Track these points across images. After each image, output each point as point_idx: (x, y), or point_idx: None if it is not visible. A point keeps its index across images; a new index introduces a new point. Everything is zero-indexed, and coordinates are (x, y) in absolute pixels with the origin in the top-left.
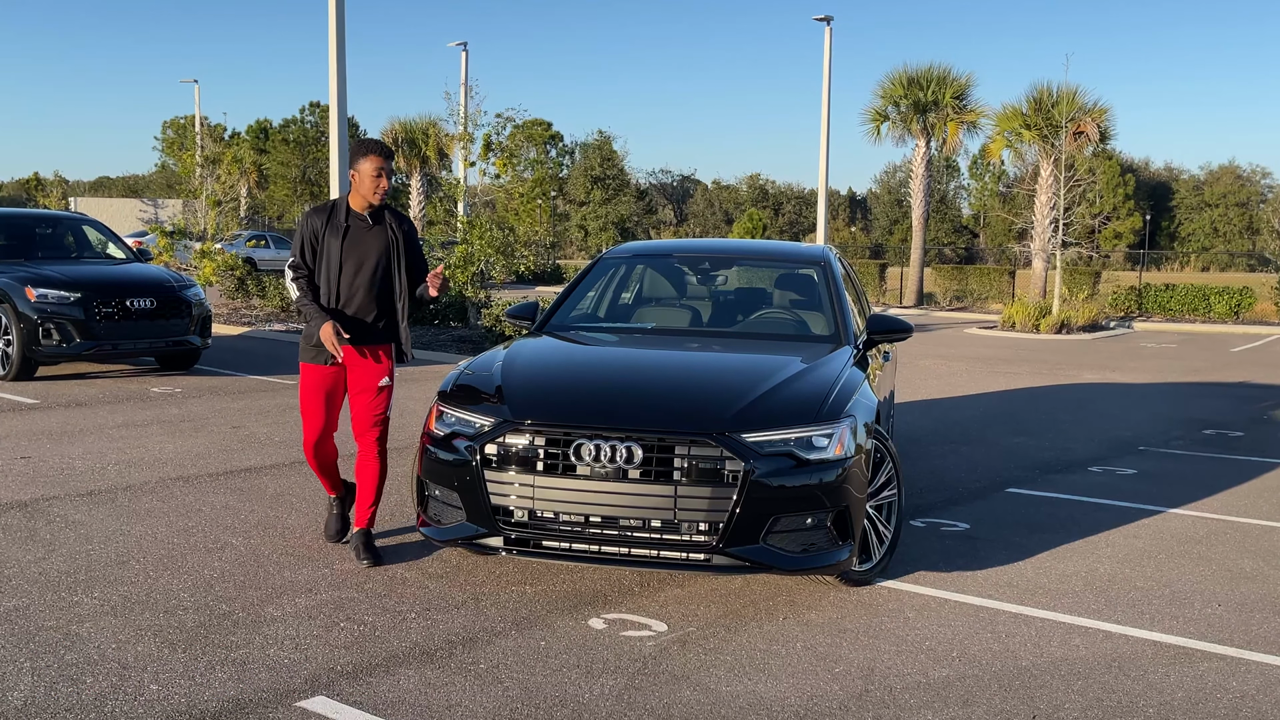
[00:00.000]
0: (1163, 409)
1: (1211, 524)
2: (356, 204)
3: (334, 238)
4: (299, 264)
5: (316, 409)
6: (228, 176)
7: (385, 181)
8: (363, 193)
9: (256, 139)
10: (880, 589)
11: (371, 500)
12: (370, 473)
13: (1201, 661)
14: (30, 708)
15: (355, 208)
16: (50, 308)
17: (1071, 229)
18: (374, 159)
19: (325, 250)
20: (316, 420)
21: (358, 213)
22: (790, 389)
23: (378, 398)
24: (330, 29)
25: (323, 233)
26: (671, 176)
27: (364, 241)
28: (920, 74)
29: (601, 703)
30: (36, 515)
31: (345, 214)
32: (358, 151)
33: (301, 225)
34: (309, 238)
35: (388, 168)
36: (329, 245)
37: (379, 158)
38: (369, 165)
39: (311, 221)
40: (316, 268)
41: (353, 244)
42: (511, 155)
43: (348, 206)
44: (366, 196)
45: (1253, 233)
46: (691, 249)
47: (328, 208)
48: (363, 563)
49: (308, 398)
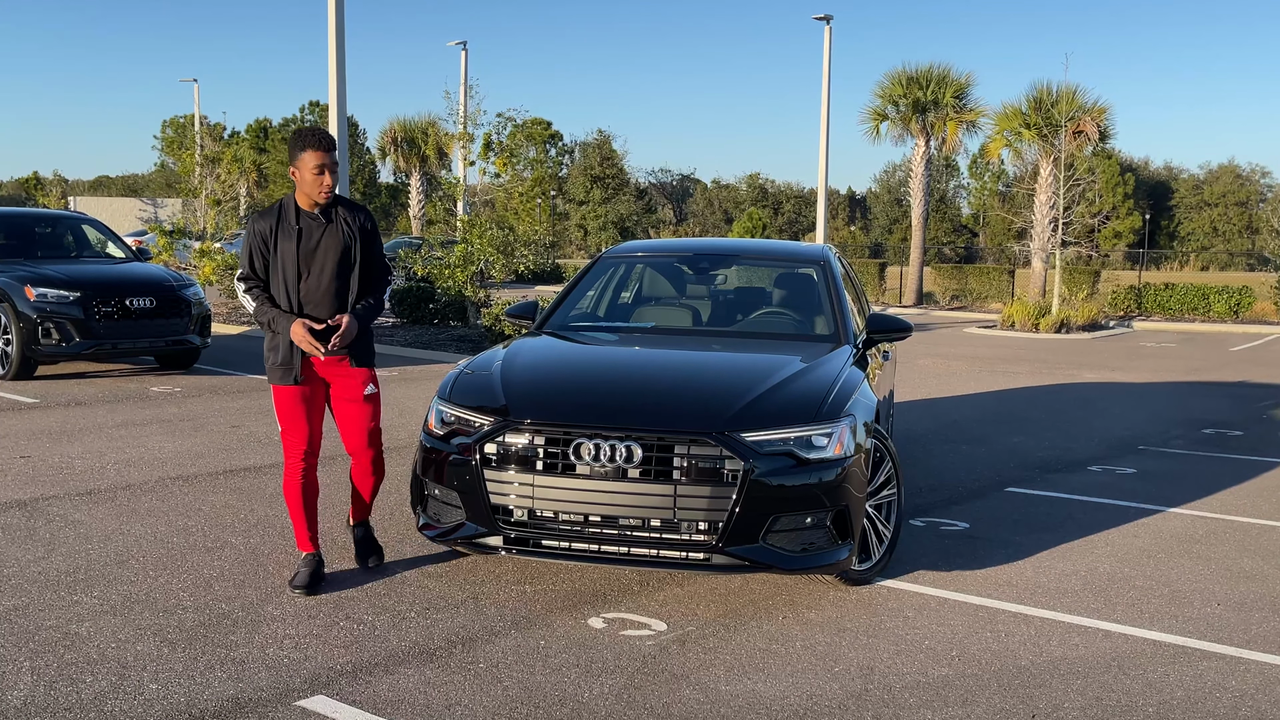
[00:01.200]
0: (1162, 408)
1: (1211, 523)
2: (304, 202)
3: (286, 241)
4: (249, 274)
5: (299, 425)
6: (227, 176)
7: (329, 178)
8: (306, 191)
9: (256, 138)
10: (880, 588)
11: (369, 500)
12: (369, 481)
13: (1201, 661)
14: (30, 707)
15: (304, 206)
16: (50, 307)
17: (1071, 228)
18: (314, 154)
19: (278, 256)
20: (301, 436)
21: (308, 211)
22: (790, 388)
23: (365, 407)
24: (330, 28)
25: (273, 238)
26: (671, 176)
27: (319, 242)
28: (920, 73)
29: (601, 702)
30: (36, 514)
31: (295, 214)
32: (295, 145)
33: (248, 233)
34: (257, 245)
35: (330, 161)
36: (282, 250)
37: (320, 152)
38: (310, 160)
39: (258, 227)
40: (271, 276)
41: (307, 246)
42: (511, 154)
43: (296, 205)
44: (311, 195)
45: (1252, 232)
46: (691, 248)
47: (275, 210)
48: (370, 563)
49: (287, 420)
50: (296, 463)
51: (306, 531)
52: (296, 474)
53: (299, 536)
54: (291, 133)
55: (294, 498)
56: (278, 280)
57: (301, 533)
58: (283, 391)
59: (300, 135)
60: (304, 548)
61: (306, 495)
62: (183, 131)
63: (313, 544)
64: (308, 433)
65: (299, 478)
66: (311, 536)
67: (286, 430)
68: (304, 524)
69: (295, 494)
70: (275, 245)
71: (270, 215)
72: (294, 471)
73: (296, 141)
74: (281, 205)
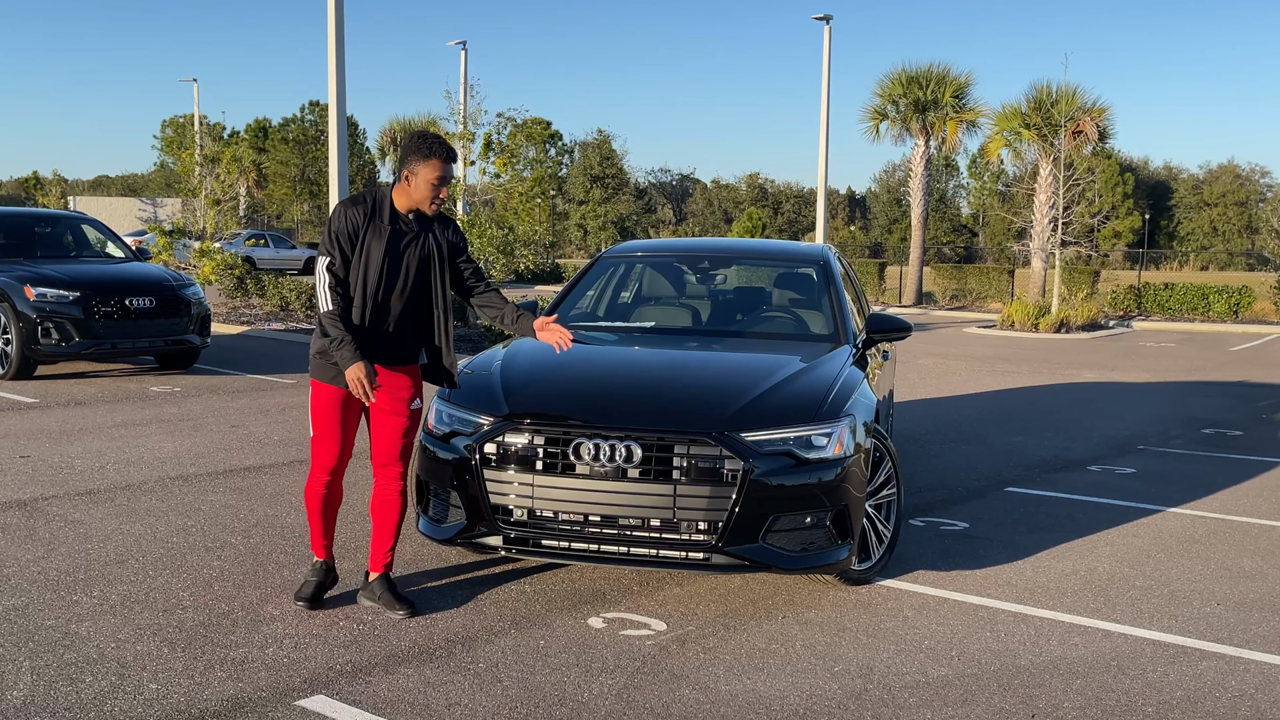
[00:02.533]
0: (1162, 408)
1: (1210, 523)
2: (403, 205)
3: (376, 240)
4: (338, 266)
5: (333, 434)
6: (227, 175)
7: (446, 192)
8: (416, 200)
9: (256, 138)
10: (879, 588)
11: (391, 543)
12: (391, 510)
13: (1200, 660)
14: (29, 706)
15: (400, 209)
16: (49, 307)
17: (1070, 228)
18: (436, 164)
19: (364, 253)
20: (334, 447)
21: (403, 214)
22: (789, 388)
23: (408, 420)
24: (330, 28)
25: (363, 232)
26: (671, 175)
27: (409, 249)
28: (919, 73)
29: (601, 701)
30: (35, 514)
31: (390, 213)
32: (416, 151)
33: (337, 219)
34: (346, 234)
35: (449, 174)
36: (370, 248)
37: (442, 163)
38: (429, 173)
39: (350, 216)
40: (351, 272)
41: (396, 251)
42: (511, 154)
43: (392, 205)
44: (420, 206)
45: (1252, 232)
46: (691, 248)
47: (369, 202)
48: (399, 613)
49: (323, 422)
50: (324, 471)
51: (322, 539)
52: (321, 483)
53: (314, 541)
54: (413, 134)
55: (315, 504)
56: (355, 278)
57: (317, 538)
58: (324, 391)
59: (426, 142)
60: (318, 553)
61: (328, 504)
62: (182, 131)
63: (326, 551)
64: (341, 440)
65: (323, 487)
66: (326, 545)
67: (320, 434)
68: (320, 531)
69: (317, 501)
70: (363, 240)
71: (362, 204)
72: (319, 479)
73: (420, 148)
74: (377, 199)
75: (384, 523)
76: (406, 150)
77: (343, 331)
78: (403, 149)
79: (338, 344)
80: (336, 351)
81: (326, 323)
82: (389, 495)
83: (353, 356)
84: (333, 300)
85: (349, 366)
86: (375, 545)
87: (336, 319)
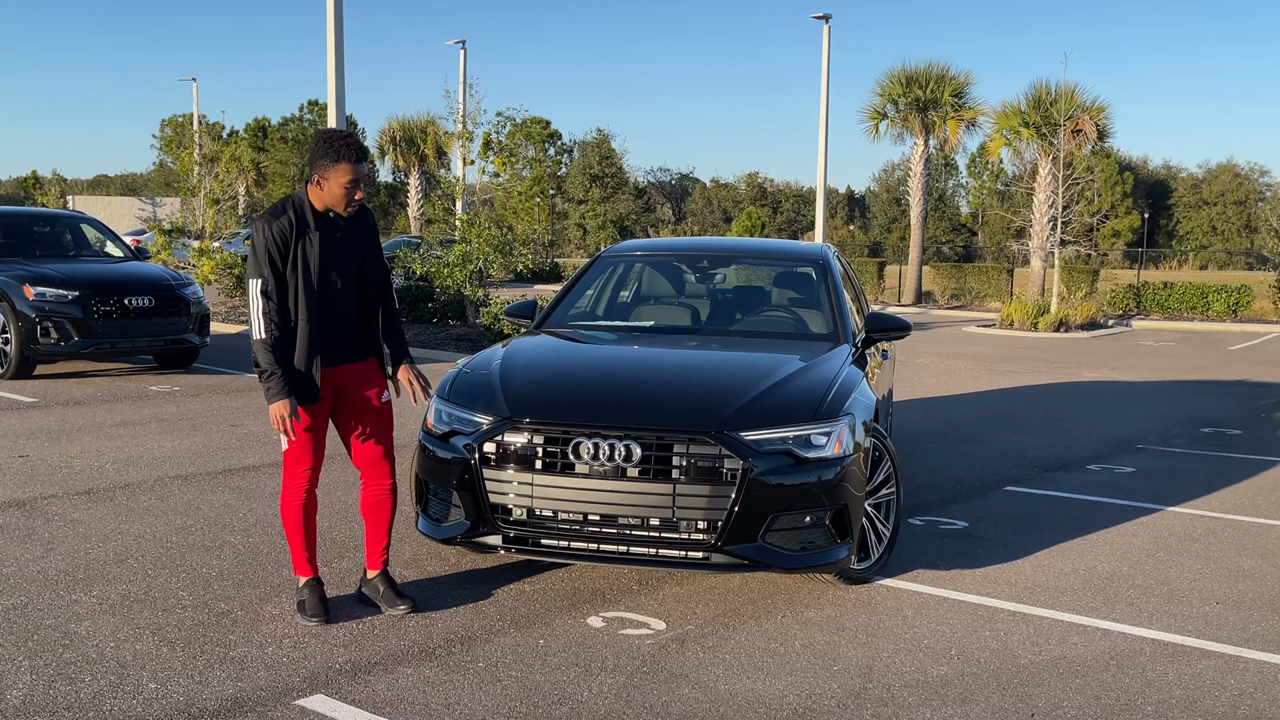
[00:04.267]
0: (1161, 407)
1: (1210, 522)
2: (320, 205)
3: (310, 246)
4: (271, 287)
5: (304, 448)
6: (226, 175)
7: (360, 194)
8: (330, 203)
9: (255, 137)
10: (879, 587)
11: (386, 540)
12: (384, 508)
13: (1200, 659)
14: (29, 706)
15: (319, 208)
16: (48, 306)
17: (1070, 227)
18: (347, 168)
19: (300, 264)
20: (305, 460)
21: (322, 214)
22: (788, 387)
23: (383, 414)
24: (329, 27)
25: (293, 243)
26: (670, 175)
27: (339, 246)
28: (919, 72)
29: (600, 701)
30: (35, 514)
31: (313, 217)
32: (325, 155)
33: (263, 236)
34: (278, 250)
35: (361, 174)
36: (306, 255)
37: (352, 165)
38: (340, 176)
39: (277, 229)
40: (289, 286)
41: (329, 251)
42: (510, 153)
43: (312, 207)
44: (335, 208)
45: (1251, 231)
46: (690, 247)
47: (289, 211)
48: (400, 608)
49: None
50: (301, 482)
51: (305, 553)
52: (299, 493)
53: (297, 561)
54: (318, 136)
55: (294, 519)
56: (295, 290)
57: (300, 556)
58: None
59: (332, 144)
60: (303, 572)
61: (307, 514)
62: (181, 130)
63: (312, 567)
64: (314, 449)
65: (301, 497)
66: (310, 558)
67: (292, 451)
68: (303, 546)
69: (296, 515)
70: (294, 251)
71: (284, 215)
72: (296, 491)
73: (328, 151)
74: (297, 205)
75: (378, 521)
76: (315, 152)
77: (273, 363)
78: (311, 150)
79: (266, 376)
80: (264, 383)
81: (257, 351)
82: (380, 494)
83: (280, 392)
84: (266, 327)
85: (274, 402)
86: (371, 544)
87: (268, 347)
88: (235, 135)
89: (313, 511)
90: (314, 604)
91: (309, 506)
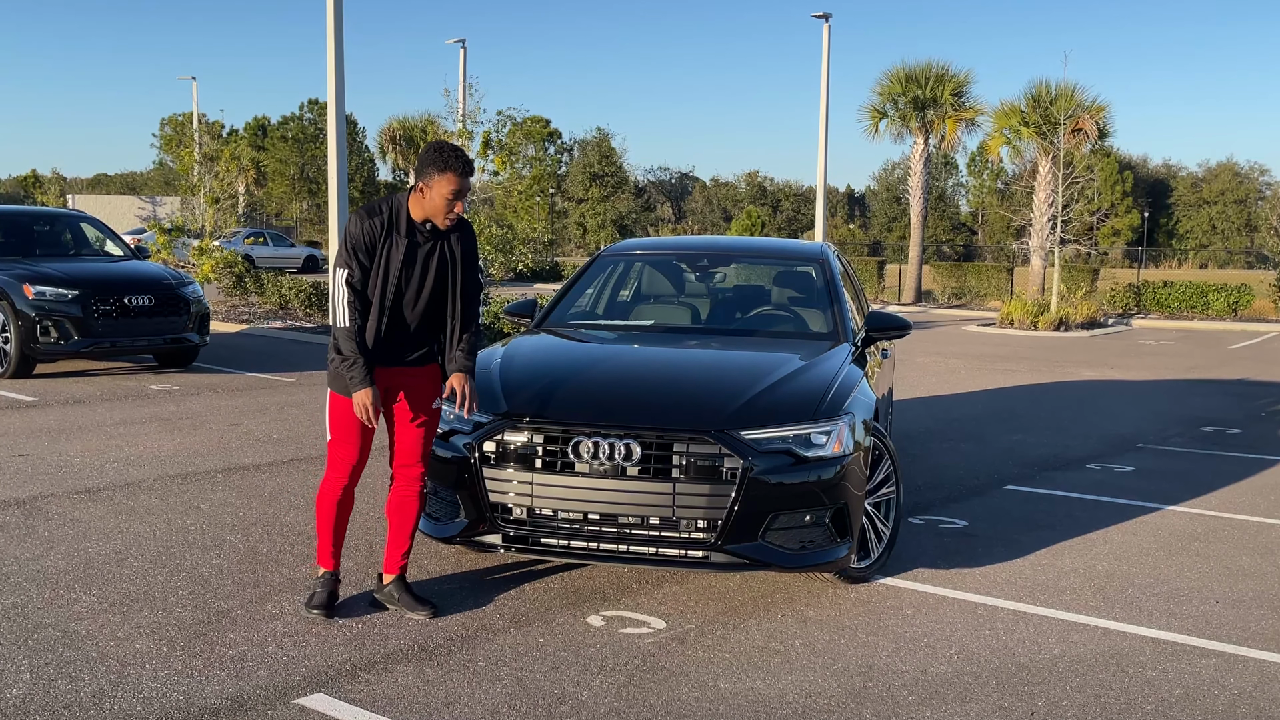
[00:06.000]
0: (1161, 406)
1: (1209, 521)
2: (418, 214)
3: (394, 251)
4: (356, 279)
5: (352, 441)
6: (226, 174)
7: (461, 206)
8: (430, 212)
9: (255, 136)
10: (879, 586)
11: (407, 545)
12: (410, 511)
13: (1199, 658)
14: (29, 705)
15: (416, 218)
16: (48, 305)
17: (1070, 226)
18: (452, 178)
19: (383, 265)
20: (351, 456)
21: (419, 223)
22: (788, 386)
23: (430, 421)
24: (329, 26)
25: (381, 243)
26: (670, 173)
27: (426, 258)
28: (919, 71)
29: (600, 700)
30: (35, 513)
31: (407, 224)
32: (433, 164)
33: (355, 229)
34: (365, 246)
35: (466, 188)
36: (388, 260)
37: (458, 177)
38: (445, 186)
39: (368, 228)
40: (369, 281)
41: (414, 260)
42: (510, 153)
43: (409, 214)
44: (434, 218)
45: (1251, 230)
46: (690, 246)
47: (386, 212)
48: (421, 614)
49: (342, 429)
50: (341, 477)
51: (332, 548)
52: (337, 488)
53: (322, 552)
54: (429, 145)
55: (328, 511)
56: (373, 290)
57: (326, 549)
58: (344, 403)
59: (441, 154)
60: (325, 564)
61: (341, 511)
62: (181, 129)
63: (335, 561)
64: (360, 447)
65: (338, 493)
66: (335, 554)
67: (338, 441)
68: (331, 540)
69: (330, 508)
70: (381, 250)
71: (379, 215)
72: (335, 485)
73: (436, 160)
74: (394, 207)
75: (402, 523)
76: (424, 161)
77: (355, 352)
78: (420, 159)
79: (350, 364)
80: (347, 372)
81: (340, 339)
82: (409, 495)
83: (362, 380)
84: (349, 315)
85: (357, 390)
86: (392, 546)
87: (351, 337)
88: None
89: (347, 509)
90: (322, 598)
91: (344, 504)
